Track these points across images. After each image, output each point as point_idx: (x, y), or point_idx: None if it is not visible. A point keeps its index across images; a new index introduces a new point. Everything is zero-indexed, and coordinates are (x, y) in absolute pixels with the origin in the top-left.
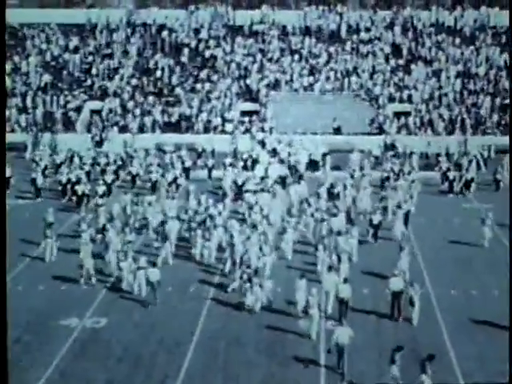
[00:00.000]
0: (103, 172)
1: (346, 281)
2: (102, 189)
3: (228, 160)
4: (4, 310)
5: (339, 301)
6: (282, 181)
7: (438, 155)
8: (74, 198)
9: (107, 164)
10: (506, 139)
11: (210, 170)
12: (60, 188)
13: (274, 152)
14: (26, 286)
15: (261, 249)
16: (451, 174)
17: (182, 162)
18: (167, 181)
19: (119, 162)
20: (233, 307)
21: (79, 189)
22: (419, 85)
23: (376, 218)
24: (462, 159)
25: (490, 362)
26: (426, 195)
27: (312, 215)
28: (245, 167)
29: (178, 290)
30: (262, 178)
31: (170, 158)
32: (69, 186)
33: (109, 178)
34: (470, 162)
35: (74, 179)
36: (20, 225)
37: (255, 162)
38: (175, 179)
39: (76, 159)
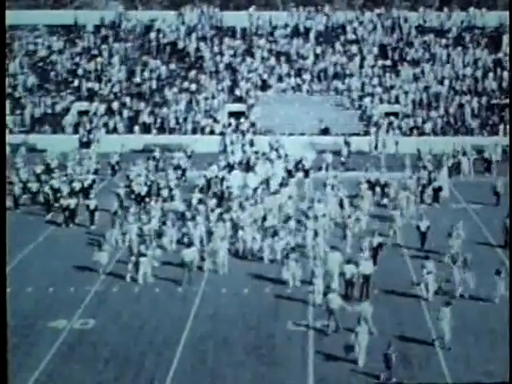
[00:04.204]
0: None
1: (349, 261)
2: (93, 203)
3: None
4: (4, 312)
5: (345, 280)
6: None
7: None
8: (61, 214)
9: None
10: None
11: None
12: (50, 200)
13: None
14: (13, 287)
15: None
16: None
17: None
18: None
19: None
20: (221, 307)
21: (68, 202)
22: (406, 85)
23: (376, 240)
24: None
25: (477, 362)
26: None
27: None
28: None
29: (166, 291)
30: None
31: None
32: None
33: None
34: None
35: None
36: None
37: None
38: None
39: (68, 169)
